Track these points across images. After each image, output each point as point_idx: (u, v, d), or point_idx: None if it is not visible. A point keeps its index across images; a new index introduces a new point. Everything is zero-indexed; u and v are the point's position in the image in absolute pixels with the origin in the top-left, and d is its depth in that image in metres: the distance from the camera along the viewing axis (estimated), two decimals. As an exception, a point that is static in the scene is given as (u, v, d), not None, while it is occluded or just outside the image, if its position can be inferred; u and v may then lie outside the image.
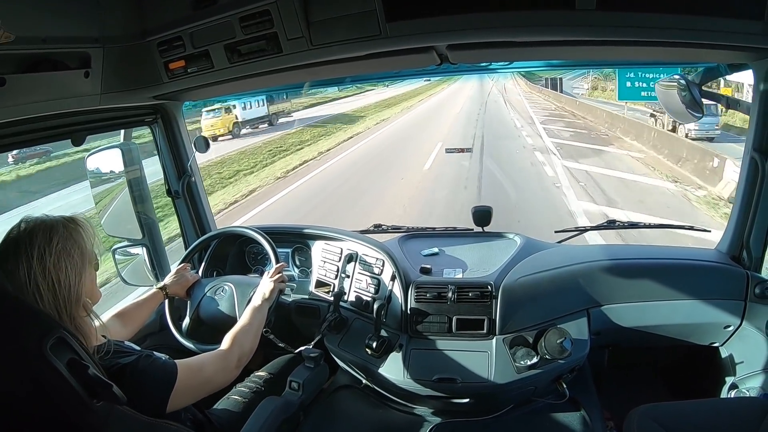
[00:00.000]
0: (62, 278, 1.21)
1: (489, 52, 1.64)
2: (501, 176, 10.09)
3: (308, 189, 11.33)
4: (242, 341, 1.58)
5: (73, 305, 1.23)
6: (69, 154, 14.03)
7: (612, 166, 11.07)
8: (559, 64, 2.51)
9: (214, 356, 1.50)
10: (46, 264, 1.19)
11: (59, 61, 1.46)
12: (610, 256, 2.04)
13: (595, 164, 11.19)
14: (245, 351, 1.58)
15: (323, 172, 12.99)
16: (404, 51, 1.56)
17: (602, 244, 4.57)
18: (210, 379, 1.44)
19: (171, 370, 1.34)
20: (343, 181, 11.45)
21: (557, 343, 1.71)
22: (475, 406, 1.85)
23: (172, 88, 1.81)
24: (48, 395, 1.05)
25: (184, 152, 2.29)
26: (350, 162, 13.81)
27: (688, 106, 1.74)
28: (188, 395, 1.38)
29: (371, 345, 1.88)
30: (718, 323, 1.94)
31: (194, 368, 1.41)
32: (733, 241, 1.96)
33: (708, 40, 1.39)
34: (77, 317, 1.24)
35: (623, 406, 1.79)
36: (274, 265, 1.89)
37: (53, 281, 1.20)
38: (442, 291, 1.91)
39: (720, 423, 1.61)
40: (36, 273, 1.18)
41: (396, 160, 13.28)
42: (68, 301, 1.22)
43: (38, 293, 1.18)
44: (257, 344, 1.66)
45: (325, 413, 1.96)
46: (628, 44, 1.53)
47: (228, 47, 1.60)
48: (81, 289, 1.26)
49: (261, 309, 1.74)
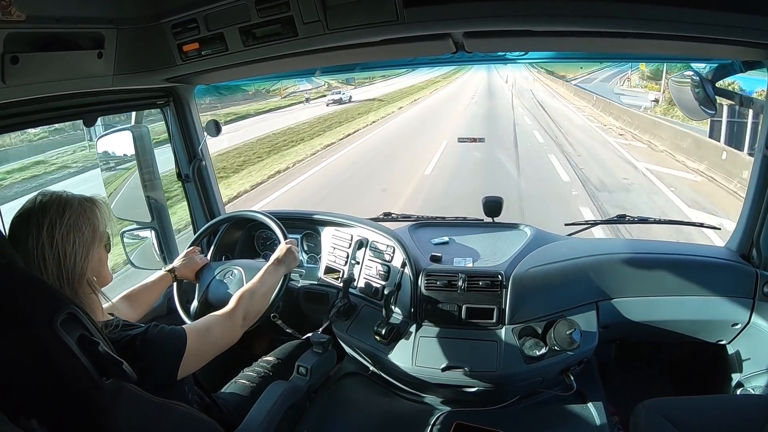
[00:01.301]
0: (68, 251, 1.21)
1: (505, 41, 1.63)
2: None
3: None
4: (249, 300, 1.55)
5: (76, 280, 1.23)
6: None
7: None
8: (574, 56, 2.49)
9: (219, 317, 1.48)
10: (55, 235, 1.20)
11: (72, 41, 1.45)
12: (620, 249, 2.04)
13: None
14: (251, 310, 1.55)
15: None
16: (420, 38, 1.55)
17: (612, 238, 4.56)
18: (216, 340, 1.43)
19: (180, 336, 1.34)
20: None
21: (566, 334, 1.71)
22: (483, 396, 1.86)
23: (185, 71, 1.79)
24: (57, 372, 1.04)
25: (195, 136, 2.28)
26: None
27: (701, 103, 1.74)
28: (197, 359, 1.38)
29: (380, 332, 1.88)
30: (726, 321, 1.94)
31: (202, 331, 1.41)
32: (743, 239, 1.95)
33: (722, 35, 1.37)
34: (81, 293, 1.25)
35: (628, 401, 1.79)
36: (283, 241, 1.87)
37: (59, 253, 1.20)
38: (452, 279, 1.91)
39: (726, 420, 1.61)
40: (44, 243, 1.18)
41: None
42: (72, 275, 1.22)
43: (43, 264, 1.18)
44: (266, 307, 1.65)
45: (331, 400, 1.96)
46: (642, 37, 1.51)
47: (243, 30, 1.59)
48: (86, 266, 1.25)
49: (274, 272, 1.71)
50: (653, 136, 12.55)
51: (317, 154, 13.68)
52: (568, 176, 9.45)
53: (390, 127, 17.47)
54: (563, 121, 16.25)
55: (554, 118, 16.61)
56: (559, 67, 23.25)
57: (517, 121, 16.15)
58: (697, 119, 1.87)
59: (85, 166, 10.57)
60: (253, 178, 11.24)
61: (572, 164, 10.25)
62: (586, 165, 10.21)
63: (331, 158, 12.98)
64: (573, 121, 16.33)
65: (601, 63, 11.15)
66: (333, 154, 13.54)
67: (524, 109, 18.90)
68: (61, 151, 11.68)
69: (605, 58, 3.04)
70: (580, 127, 15.21)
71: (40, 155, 11.16)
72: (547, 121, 16.23)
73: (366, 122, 18.42)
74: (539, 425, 1.84)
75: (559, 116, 17.17)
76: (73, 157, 11.38)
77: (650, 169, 9.84)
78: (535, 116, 17.22)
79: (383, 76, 26.61)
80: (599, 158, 11.07)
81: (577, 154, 11.23)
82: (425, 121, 17.91)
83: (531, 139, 13.35)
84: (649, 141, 12.43)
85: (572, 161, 10.49)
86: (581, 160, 10.59)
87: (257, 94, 20.03)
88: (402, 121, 18.47)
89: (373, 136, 15.83)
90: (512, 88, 25.10)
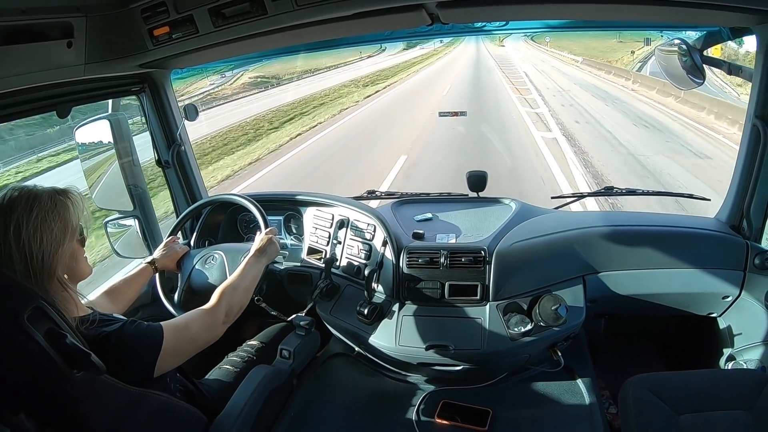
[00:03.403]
0: (35, 250, 1.19)
1: (482, 10, 1.59)
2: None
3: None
4: (231, 296, 1.54)
5: (45, 278, 1.21)
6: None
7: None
8: (556, 24, 2.44)
9: (199, 313, 1.47)
10: (21, 234, 1.17)
11: (40, 31, 1.42)
12: (607, 222, 2.01)
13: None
14: (234, 306, 1.54)
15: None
16: (393, 9, 1.52)
17: (599, 211, 4.52)
18: (196, 337, 1.42)
19: (157, 332, 1.33)
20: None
21: (552, 309, 1.69)
22: (469, 373, 1.84)
23: (158, 56, 1.76)
24: (28, 366, 1.05)
25: (173, 121, 2.26)
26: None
27: (689, 72, 1.70)
28: (175, 356, 1.36)
29: (363, 312, 1.87)
30: (717, 293, 1.92)
31: (180, 328, 1.39)
32: (733, 210, 1.92)
33: (709, 0, 1.33)
34: (51, 291, 1.22)
35: (619, 376, 1.77)
36: (263, 231, 1.86)
37: (26, 253, 1.18)
38: (434, 256, 1.89)
39: (717, 394, 1.59)
40: (11, 242, 1.16)
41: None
42: (40, 273, 1.20)
43: (9, 262, 1.16)
44: (248, 300, 1.63)
45: (317, 381, 1.96)
46: (627, 2, 1.47)
47: (212, 11, 1.56)
48: (56, 264, 1.23)
49: (256, 264, 1.70)
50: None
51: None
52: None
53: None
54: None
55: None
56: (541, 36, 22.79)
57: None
58: (685, 88, 1.82)
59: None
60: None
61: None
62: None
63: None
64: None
65: (585, 32, 10.75)
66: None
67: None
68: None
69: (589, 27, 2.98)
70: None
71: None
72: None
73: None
74: (527, 402, 1.82)
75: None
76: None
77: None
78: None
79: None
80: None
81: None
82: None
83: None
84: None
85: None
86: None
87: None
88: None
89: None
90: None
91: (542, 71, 21.61)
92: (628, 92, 15.46)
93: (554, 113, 12.88)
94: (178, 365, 1.43)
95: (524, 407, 1.80)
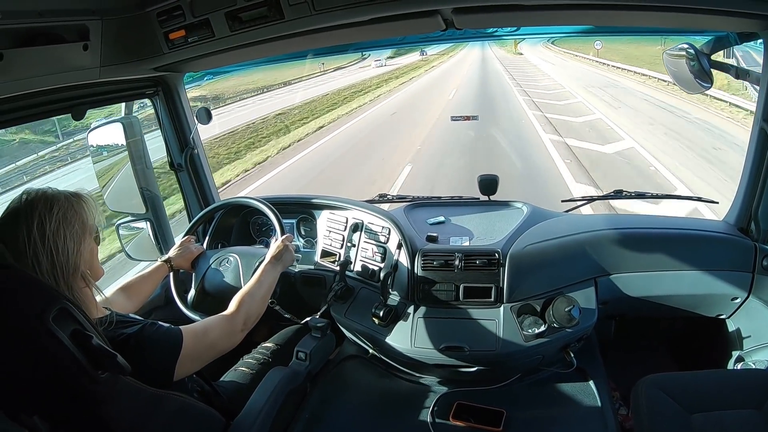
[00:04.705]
0: (60, 246, 1.20)
1: (495, 16, 1.60)
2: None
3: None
4: (249, 304, 1.56)
5: (70, 274, 1.23)
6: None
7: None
8: (566, 30, 2.46)
9: (219, 320, 1.48)
10: (46, 231, 1.19)
11: (57, 34, 1.43)
12: (618, 225, 2.02)
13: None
14: (252, 314, 1.55)
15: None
16: (409, 15, 1.53)
17: (610, 214, 4.53)
18: (215, 344, 1.43)
19: (176, 336, 1.33)
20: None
21: (565, 311, 1.70)
22: (482, 375, 1.86)
23: (173, 59, 1.77)
24: (53, 367, 1.04)
25: (186, 124, 2.27)
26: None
27: (697, 76, 1.71)
28: (194, 361, 1.37)
29: (378, 314, 1.88)
30: (725, 295, 1.93)
31: (199, 333, 1.40)
32: (741, 212, 1.94)
33: (717, 5, 1.36)
34: (75, 288, 1.24)
35: (628, 377, 1.79)
36: (280, 237, 1.87)
37: (51, 249, 1.19)
38: (449, 259, 1.90)
39: (727, 394, 1.61)
40: (35, 239, 1.18)
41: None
42: (66, 269, 1.21)
43: (36, 261, 1.17)
44: (265, 308, 1.65)
45: (331, 384, 1.97)
46: (636, 9, 1.49)
47: (229, 15, 1.57)
48: (79, 259, 1.25)
49: (272, 271, 1.72)
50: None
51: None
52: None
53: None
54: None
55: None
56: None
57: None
58: (693, 92, 1.84)
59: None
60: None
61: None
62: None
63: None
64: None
65: (595, 37, 10.43)
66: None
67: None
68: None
69: (599, 33, 3.00)
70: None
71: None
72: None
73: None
74: (540, 403, 1.84)
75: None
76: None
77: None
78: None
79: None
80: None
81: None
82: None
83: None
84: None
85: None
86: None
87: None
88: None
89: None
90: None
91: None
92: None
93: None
94: (197, 370, 1.44)
95: (538, 408, 1.81)
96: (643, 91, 14.38)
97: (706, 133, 10.00)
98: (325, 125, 14.89)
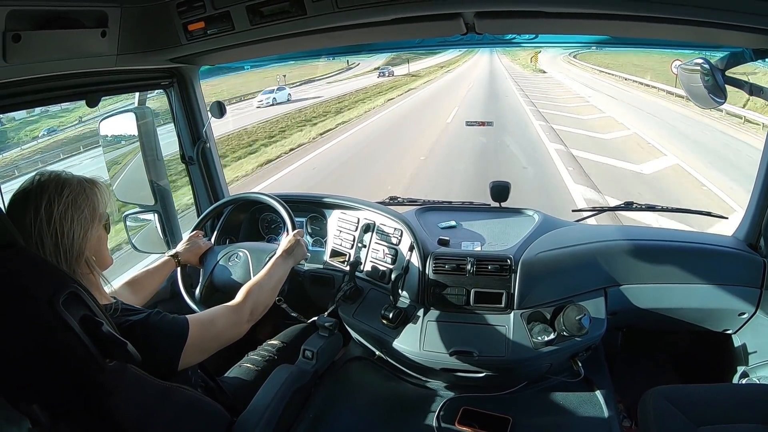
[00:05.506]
0: (66, 229, 1.20)
1: (516, 22, 1.60)
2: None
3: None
4: (257, 295, 1.53)
5: (74, 258, 1.21)
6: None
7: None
8: (583, 40, 2.47)
9: (225, 309, 1.46)
10: (53, 213, 1.18)
11: (75, 19, 1.42)
12: (628, 236, 2.02)
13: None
14: (259, 305, 1.53)
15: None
16: (431, 17, 1.52)
17: (620, 225, 4.54)
18: (221, 334, 1.41)
19: (183, 325, 1.31)
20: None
21: (576, 319, 1.70)
22: (489, 381, 1.84)
23: (190, 51, 1.76)
24: (60, 353, 1.02)
25: (200, 118, 2.26)
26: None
27: (711, 91, 1.71)
28: (199, 351, 1.35)
29: (387, 316, 1.86)
30: (733, 310, 1.93)
31: (205, 322, 1.38)
32: (751, 228, 1.94)
33: (733, 20, 1.35)
34: (78, 273, 1.23)
35: (633, 389, 1.80)
36: (291, 232, 1.85)
37: (57, 231, 1.18)
38: (461, 263, 1.90)
39: (735, 407, 1.60)
40: (42, 220, 1.17)
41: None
42: (69, 253, 1.20)
43: (41, 241, 1.17)
44: (273, 301, 1.63)
45: (337, 384, 1.95)
46: (654, 21, 1.49)
47: (250, 8, 1.56)
48: (84, 244, 1.24)
49: (283, 264, 1.69)
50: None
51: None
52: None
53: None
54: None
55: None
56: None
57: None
58: (706, 107, 1.84)
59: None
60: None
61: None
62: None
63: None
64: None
65: (612, 48, 10.20)
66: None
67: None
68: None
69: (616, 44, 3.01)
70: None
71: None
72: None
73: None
74: (546, 411, 1.82)
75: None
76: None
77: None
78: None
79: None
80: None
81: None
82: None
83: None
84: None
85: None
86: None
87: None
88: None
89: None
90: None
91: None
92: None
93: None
94: (201, 360, 1.42)
95: (544, 416, 1.80)
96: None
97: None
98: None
